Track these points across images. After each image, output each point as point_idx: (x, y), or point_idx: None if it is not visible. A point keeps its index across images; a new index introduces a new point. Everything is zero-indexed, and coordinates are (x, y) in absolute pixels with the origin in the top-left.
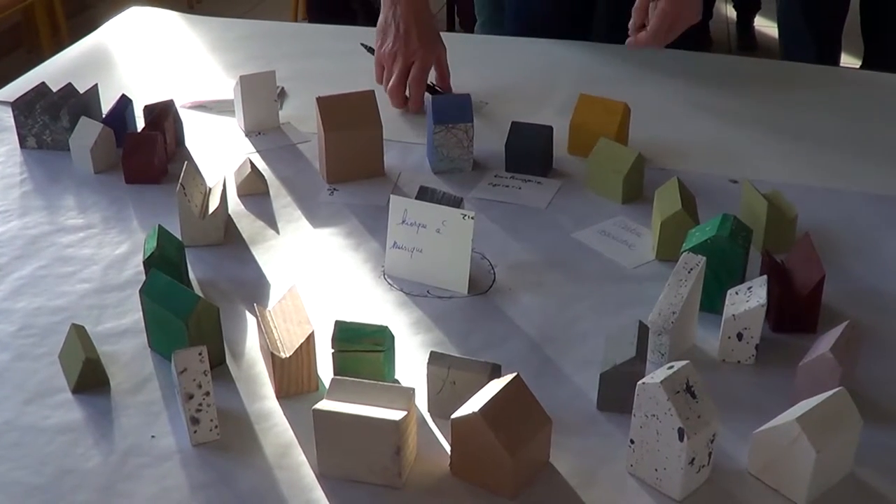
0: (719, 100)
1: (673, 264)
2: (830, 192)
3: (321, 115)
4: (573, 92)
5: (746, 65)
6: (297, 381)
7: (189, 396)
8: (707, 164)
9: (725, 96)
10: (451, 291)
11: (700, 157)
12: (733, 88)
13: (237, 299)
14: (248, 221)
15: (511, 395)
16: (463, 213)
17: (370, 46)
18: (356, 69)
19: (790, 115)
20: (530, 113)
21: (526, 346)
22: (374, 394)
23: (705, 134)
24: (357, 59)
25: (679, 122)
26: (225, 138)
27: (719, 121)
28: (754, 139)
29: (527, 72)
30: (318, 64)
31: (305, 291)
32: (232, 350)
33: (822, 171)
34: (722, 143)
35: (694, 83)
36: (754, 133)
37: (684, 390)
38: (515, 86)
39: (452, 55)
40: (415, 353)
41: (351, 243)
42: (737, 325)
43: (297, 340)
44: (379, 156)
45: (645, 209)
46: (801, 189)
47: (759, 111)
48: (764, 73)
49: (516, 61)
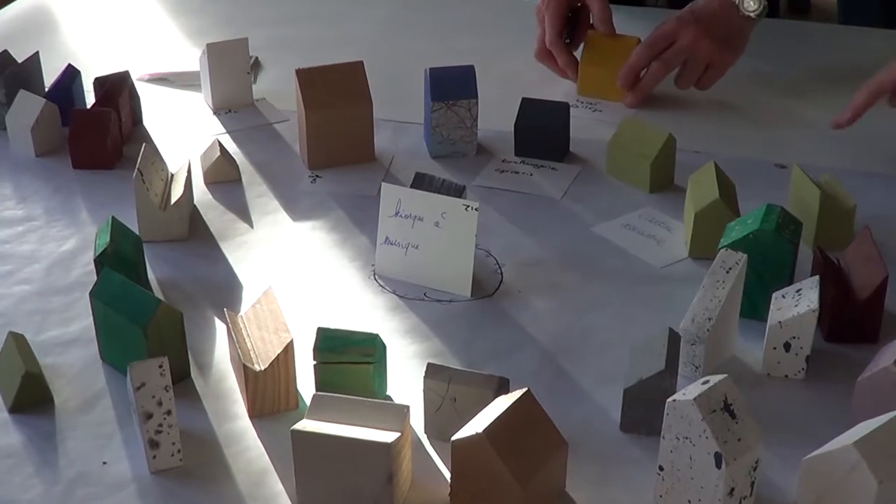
0: (765, 71)
1: (709, 263)
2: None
3: (301, 89)
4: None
5: (797, 29)
6: (273, 397)
7: (147, 416)
8: (749, 145)
9: (772, 66)
10: (451, 294)
11: (741, 138)
12: (781, 57)
13: (204, 303)
14: (217, 213)
15: (521, 414)
16: (465, 204)
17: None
18: (343, 36)
19: (849, 89)
20: (545, 86)
21: (538, 357)
22: (363, 412)
23: (748, 110)
24: (344, 24)
25: (717, 97)
26: (190, 116)
27: (765, 95)
28: (806, 117)
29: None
30: (298, 30)
31: (283, 294)
32: (198, 362)
33: (886, 156)
34: (768, 121)
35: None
36: (806, 109)
37: (722, 409)
38: (528, 55)
39: (456, 19)
40: (410, 365)
41: (336, 239)
42: (784, 333)
43: (273, 351)
44: (368, 137)
45: (676, 199)
46: (860, 176)
47: (813, 84)
48: (818, 38)
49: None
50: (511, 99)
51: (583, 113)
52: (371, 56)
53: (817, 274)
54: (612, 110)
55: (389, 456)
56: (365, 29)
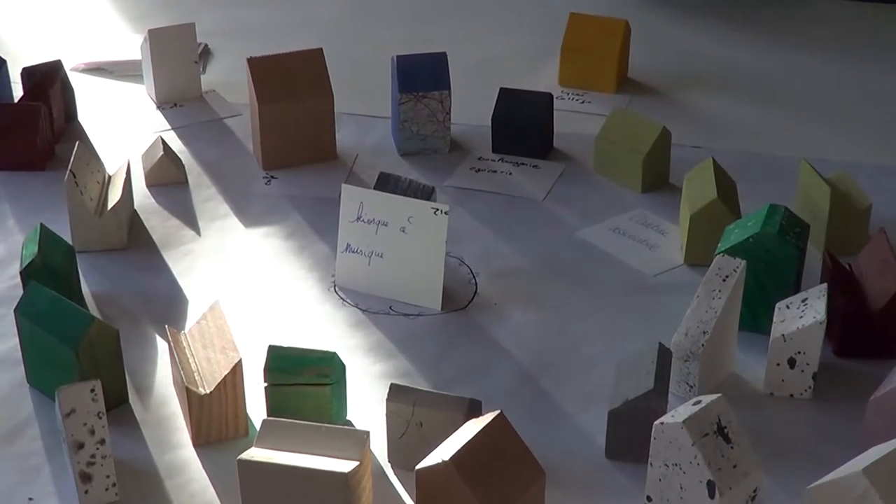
0: (771, 54)
1: (706, 270)
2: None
3: (254, 80)
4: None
5: (809, 7)
6: (219, 423)
7: (78, 446)
8: (752, 139)
9: (779, 49)
10: (419, 307)
11: (743, 131)
12: (791, 37)
13: (144, 319)
14: (160, 219)
15: (493, 440)
16: (435, 207)
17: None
18: (301, 21)
19: (866, 74)
20: (525, 75)
21: (515, 376)
22: (319, 439)
23: (752, 99)
24: (303, 7)
25: (718, 85)
26: (130, 111)
27: (771, 81)
28: (817, 106)
29: (535, 26)
30: (251, 14)
31: (232, 309)
32: (136, 385)
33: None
34: (773, 110)
35: (739, 32)
36: (816, 97)
37: (715, 432)
38: (507, 41)
39: (427, 1)
40: (372, 387)
41: (293, 246)
42: (788, 348)
43: (219, 372)
44: (329, 134)
45: (671, 200)
46: (876, 171)
47: (824, 68)
48: (832, 16)
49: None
50: (488, 89)
51: (568, 104)
52: (332, 43)
53: (826, 281)
54: (601, 101)
55: (347, 487)
56: (326, 13)
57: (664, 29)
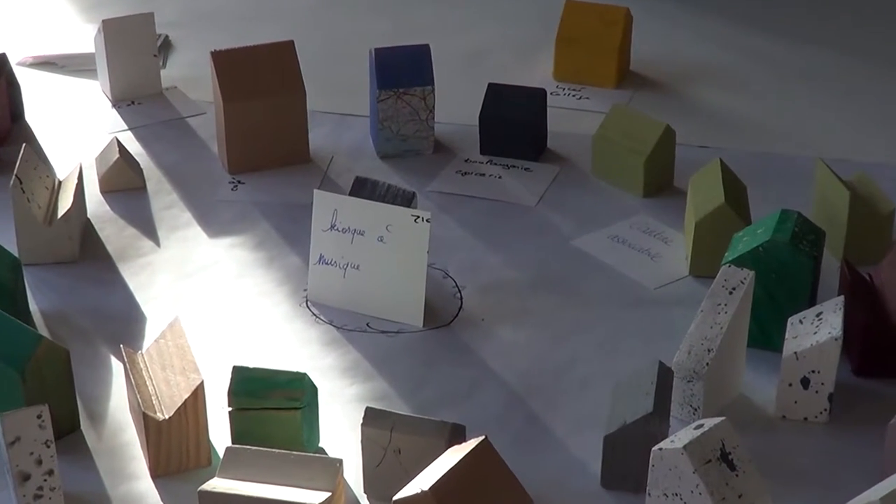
0: (787, 44)
1: (712, 282)
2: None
3: (219, 76)
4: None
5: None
6: (180, 452)
7: (24, 477)
8: (765, 137)
9: (796, 39)
10: (399, 324)
11: (755, 129)
12: (810, 28)
13: (97, 339)
14: (116, 229)
15: (478, 468)
16: (416, 215)
17: None
18: (271, 10)
19: (890, 67)
20: (517, 69)
21: (503, 398)
22: (287, 468)
23: (763, 95)
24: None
25: (726, 79)
26: (82, 110)
27: (783, 77)
28: (835, 101)
29: (527, 14)
30: (216, 3)
31: (194, 327)
32: (88, 411)
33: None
34: (787, 106)
35: (751, 20)
36: (834, 91)
37: (719, 459)
38: (496, 30)
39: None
40: (347, 411)
41: (261, 258)
42: (801, 366)
43: (180, 395)
44: (301, 134)
45: (675, 204)
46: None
47: (844, 60)
48: (853, 9)
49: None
50: (475, 85)
51: (563, 101)
52: (305, 34)
53: (843, 293)
54: (599, 97)
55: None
56: (297, 1)
57: (669, 17)
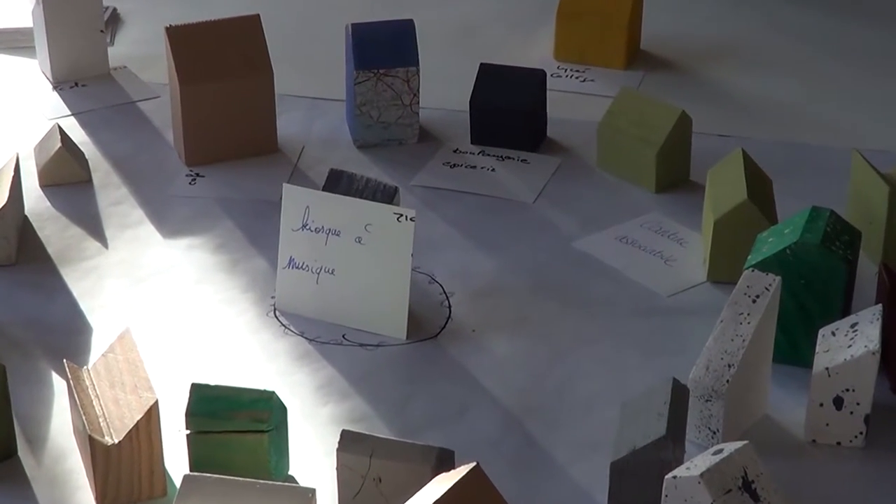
0: (817, 21)
1: (733, 289)
2: None
3: (175, 55)
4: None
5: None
6: (131, 480)
7: None
8: (793, 125)
9: (828, 15)
10: (380, 336)
11: (782, 116)
12: (843, 3)
13: (36, 352)
14: (58, 228)
15: (468, 498)
16: (398, 212)
17: None
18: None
19: None
20: (513, 47)
21: (496, 420)
22: (253, 498)
23: (792, 79)
24: None
25: (750, 59)
26: (19, 92)
27: (815, 54)
28: (872, 86)
29: None
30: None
31: (146, 339)
32: (27, 434)
33: None
34: (818, 91)
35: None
36: (871, 75)
37: (740, 488)
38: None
39: None
40: (320, 434)
41: (223, 261)
42: (834, 384)
43: (131, 417)
44: (268, 121)
45: (692, 201)
46: None
47: (882, 41)
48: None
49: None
50: (466, 65)
51: (565, 83)
52: (272, 8)
53: (881, 301)
54: (606, 79)
55: None
56: None
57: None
